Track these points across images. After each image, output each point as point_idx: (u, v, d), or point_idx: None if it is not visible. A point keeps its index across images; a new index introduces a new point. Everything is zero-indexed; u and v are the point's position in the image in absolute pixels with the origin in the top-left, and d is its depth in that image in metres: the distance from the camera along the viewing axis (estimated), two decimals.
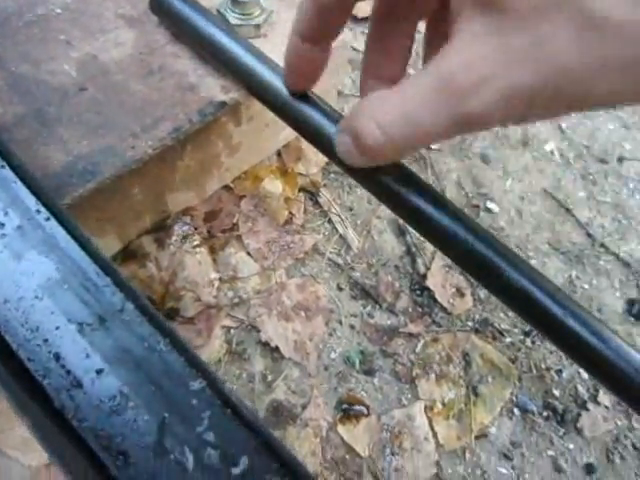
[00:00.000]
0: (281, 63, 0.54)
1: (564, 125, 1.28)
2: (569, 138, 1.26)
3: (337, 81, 1.05)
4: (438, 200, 0.52)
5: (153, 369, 0.41)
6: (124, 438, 0.38)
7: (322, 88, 1.01)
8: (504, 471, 0.83)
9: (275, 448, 0.38)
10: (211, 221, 0.92)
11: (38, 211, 0.44)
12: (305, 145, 1.03)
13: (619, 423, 0.90)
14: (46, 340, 0.38)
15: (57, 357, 0.37)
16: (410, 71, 1.21)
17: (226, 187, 0.96)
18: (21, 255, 0.41)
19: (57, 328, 0.38)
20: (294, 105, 0.57)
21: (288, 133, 1.00)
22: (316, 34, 0.37)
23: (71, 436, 0.35)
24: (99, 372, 0.42)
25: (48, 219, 0.43)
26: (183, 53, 0.80)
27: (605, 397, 0.91)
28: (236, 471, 0.40)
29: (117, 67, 0.77)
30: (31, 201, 0.44)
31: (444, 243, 0.54)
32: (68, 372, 0.37)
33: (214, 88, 0.77)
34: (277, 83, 0.58)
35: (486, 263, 0.51)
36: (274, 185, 0.96)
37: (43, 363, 0.37)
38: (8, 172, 0.45)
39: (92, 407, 0.38)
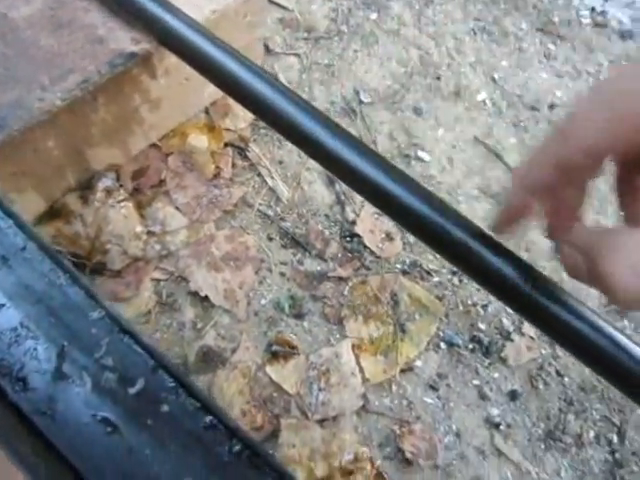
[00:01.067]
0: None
1: (497, 76, 1.31)
2: (502, 88, 1.29)
3: (261, 35, 1.06)
4: (364, 152, 0.54)
5: (53, 302, 0.43)
6: (23, 366, 0.40)
7: (246, 42, 1.03)
8: (430, 401, 0.87)
9: (170, 368, 0.40)
10: (138, 178, 0.93)
11: None
12: (233, 102, 1.04)
13: (543, 352, 0.94)
14: None
15: None
16: None
17: (154, 146, 0.97)
18: None
19: None
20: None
21: (213, 90, 1.01)
22: (546, 191, 0.33)
23: None
24: (0, 307, 0.44)
25: None
26: (93, 7, 0.81)
27: (530, 328, 0.95)
28: (132, 391, 0.42)
29: (26, 23, 0.78)
30: None
31: (370, 193, 0.56)
32: None
33: (124, 40, 0.78)
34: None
35: (411, 210, 0.52)
36: (200, 140, 0.97)
37: None
38: None
39: None
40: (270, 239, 0.96)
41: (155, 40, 0.77)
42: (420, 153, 1.13)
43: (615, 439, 0.90)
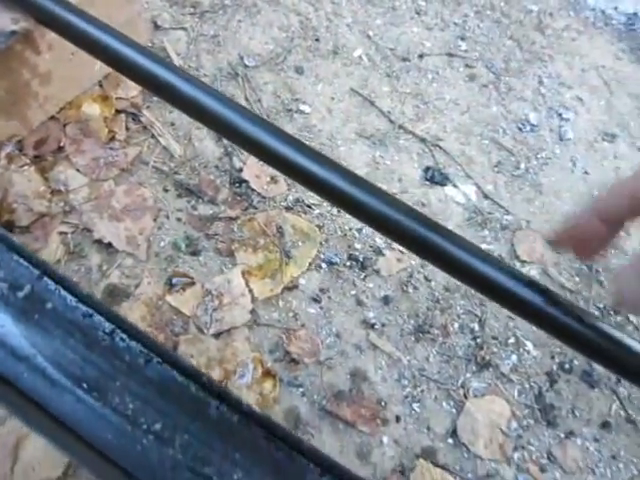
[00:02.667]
0: None
1: (371, 33, 1.45)
2: (376, 43, 1.43)
3: (141, 10, 1.17)
4: (242, 112, 0.65)
5: None
6: None
7: (126, 18, 1.14)
8: (313, 311, 1.01)
9: (52, 275, 0.51)
10: (40, 147, 1.04)
11: None
12: None
13: (412, 262, 1.09)
14: None
15: None
16: None
17: (53, 118, 1.08)
18: None
19: None
20: None
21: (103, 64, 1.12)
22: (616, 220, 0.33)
23: None
24: None
25: None
26: None
27: None
28: (20, 294, 0.54)
29: None
30: None
31: (250, 146, 0.67)
32: None
33: (4, 20, 0.89)
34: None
35: (285, 158, 0.63)
36: (92, 108, 1.08)
37: None
38: None
39: None
40: (166, 190, 1.08)
41: (34, 20, 0.88)
42: (302, 107, 1.27)
43: (477, 327, 1.06)
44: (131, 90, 1.15)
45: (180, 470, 0.43)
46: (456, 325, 1.05)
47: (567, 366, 1.06)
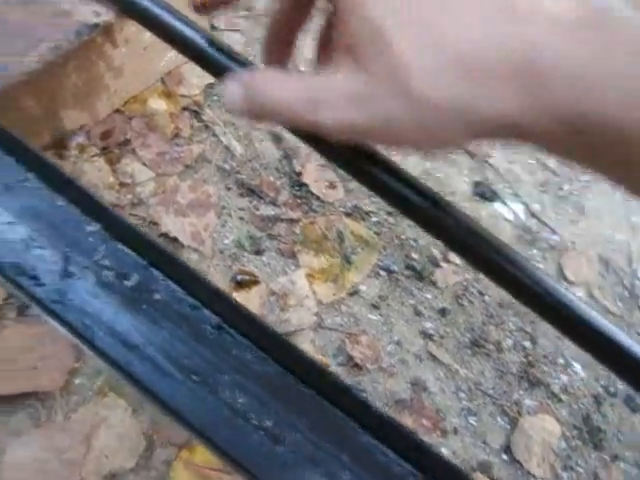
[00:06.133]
0: None
1: None
2: None
3: None
4: None
5: (55, 219, 0.54)
6: (35, 267, 0.51)
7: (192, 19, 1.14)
8: (374, 317, 1.02)
9: (160, 266, 0.51)
10: (107, 139, 1.04)
11: None
12: (185, 71, 1.16)
13: (467, 276, 1.10)
14: None
15: None
16: None
17: (118, 111, 1.08)
18: None
19: None
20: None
21: (168, 61, 1.12)
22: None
23: None
24: (10, 223, 0.54)
25: None
26: None
27: (456, 257, 1.11)
28: (128, 284, 0.53)
29: None
30: None
31: (318, 144, 0.68)
32: None
33: (87, 13, 0.89)
34: None
35: (354, 160, 0.64)
36: (158, 103, 1.08)
37: None
38: None
39: (7, 249, 0.50)
40: (228, 189, 1.08)
41: (118, 11, 0.88)
42: None
43: (528, 345, 1.07)
44: (193, 88, 1.15)
45: (289, 469, 0.43)
46: (509, 341, 1.06)
47: (612, 389, 1.08)
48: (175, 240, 1.00)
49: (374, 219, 1.12)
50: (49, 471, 0.77)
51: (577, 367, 1.09)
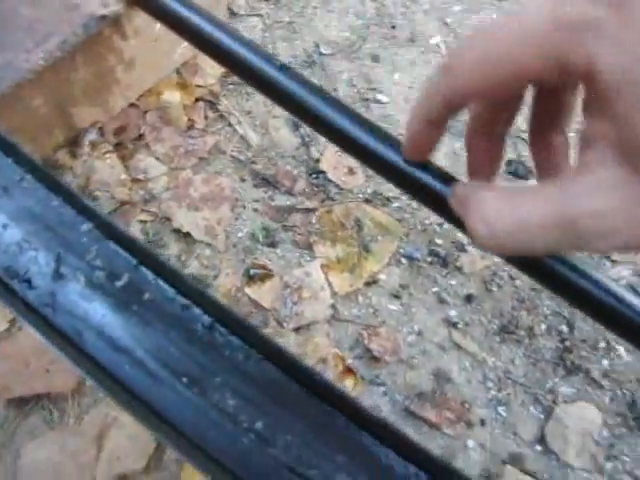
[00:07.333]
0: None
1: (449, 20, 1.40)
2: (454, 31, 1.38)
3: None
4: (327, 98, 0.63)
5: (49, 221, 0.54)
6: (27, 270, 0.51)
7: (209, 3, 1.12)
8: (394, 307, 0.97)
9: (150, 265, 0.50)
10: (120, 134, 1.04)
11: None
12: (200, 60, 1.14)
13: (496, 260, 1.04)
14: None
15: None
16: None
17: (133, 105, 1.08)
18: None
19: None
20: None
21: (182, 51, 1.11)
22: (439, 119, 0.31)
23: None
24: (5, 226, 0.54)
25: None
26: None
27: None
28: (119, 284, 0.52)
29: None
30: None
31: (331, 134, 0.65)
32: None
33: (94, 4, 0.88)
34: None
35: (368, 149, 0.61)
36: (172, 96, 1.07)
37: None
38: None
39: (1, 252, 0.51)
40: (243, 180, 1.06)
41: (127, 2, 0.87)
42: (379, 96, 1.23)
43: (565, 329, 1.00)
44: (209, 78, 1.13)
45: (281, 471, 0.41)
46: (543, 326, 1.00)
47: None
48: (188, 235, 0.99)
49: (395, 205, 1.07)
50: (63, 473, 0.78)
51: (620, 350, 1.01)
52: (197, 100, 1.10)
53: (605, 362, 0.99)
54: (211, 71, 1.13)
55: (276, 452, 0.41)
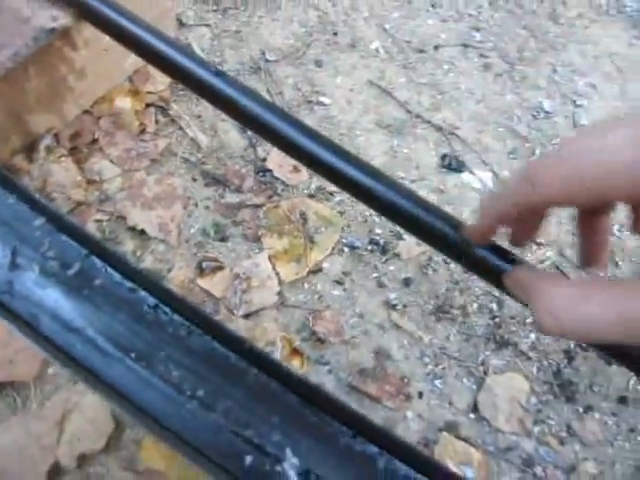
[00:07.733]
0: None
1: (388, 26, 1.49)
2: (393, 36, 1.47)
3: (170, 7, 1.22)
4: (267, 105, 0.68)
5: (5, 217, 0.60)
6: None
7: (157, 13, 1.19)
8: (337, 293, 1.05)
9: (100, 255, 0.56)
10: (75, 139, 1.10)
11: None
12: (151, 68, 1.20)
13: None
14: None
15: None
16: None
17: (87, 112, 1.14)
18: None
19: None
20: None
21: (133, 60, 1.17)
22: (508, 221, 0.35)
23: None
24: None
25: None
26: None
27: None
28: (71, 272, 0.58)
29: None
30: None
31: (274, 138, 0.70)
32: None
33: (45, 18, 0.94)
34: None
35: (307, 149, 0.66)
36: (124, 102, 1.14)
37: None
38: None
39: None
40: (194, 180, 1.13)
41: (76, 15, 0.93)
42: (322, 98, 1.31)
43: (495, 307, 1.10)
44: (160, 85, 1.20)
45: (222, 433, 0.47)
46: (475, 305, 1.09)
47: (584, 344, 1.09)
48: (143, 232, 1.05)
49: (337, 199, 1.15)
50: (27, 455, 0.84)
51: None
52: (148, 106, 1.16)
53: (532, 336, 1.08)
54: (161, 78, 1.19)
55: (217, 416, 0.48)
